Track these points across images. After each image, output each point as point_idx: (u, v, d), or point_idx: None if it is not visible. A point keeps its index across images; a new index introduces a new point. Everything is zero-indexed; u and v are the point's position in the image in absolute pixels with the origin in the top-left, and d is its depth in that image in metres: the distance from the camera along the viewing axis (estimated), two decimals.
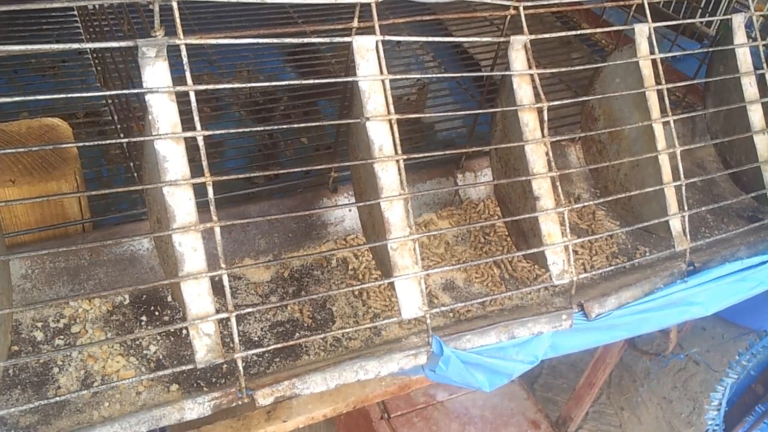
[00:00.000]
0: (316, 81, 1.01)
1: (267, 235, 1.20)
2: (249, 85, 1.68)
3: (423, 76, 1.94)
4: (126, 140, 0.87)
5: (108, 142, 0.89)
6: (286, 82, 0.96)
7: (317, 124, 1.03)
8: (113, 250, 1.08)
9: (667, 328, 2.10)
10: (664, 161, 1.23)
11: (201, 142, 0.89)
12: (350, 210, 1.26)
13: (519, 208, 1.20)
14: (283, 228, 1.21)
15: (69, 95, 0.79)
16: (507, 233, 1.32)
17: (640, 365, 2.91)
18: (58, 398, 0.83)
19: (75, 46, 0.86)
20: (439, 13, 2.14)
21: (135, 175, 1.26)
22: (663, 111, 1.23)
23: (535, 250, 1.12)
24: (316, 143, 1.88)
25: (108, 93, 1.21)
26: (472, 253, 1.30)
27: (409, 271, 0.99)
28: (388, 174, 1.02)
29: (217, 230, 0.87)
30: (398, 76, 1.08)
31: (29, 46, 0.80)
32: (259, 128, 1.10)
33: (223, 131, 0.93)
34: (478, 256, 1.30)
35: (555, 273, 1.11)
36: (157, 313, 1.06)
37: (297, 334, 1.08)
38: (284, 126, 1.22)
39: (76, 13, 1.80)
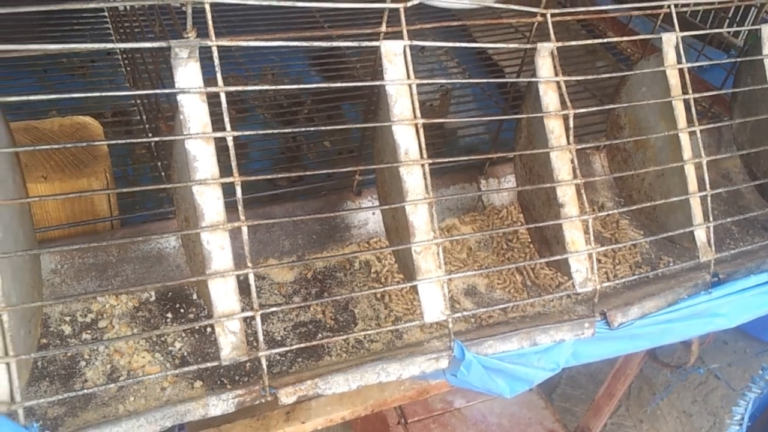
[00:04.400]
0: (343, 84, 1.02)
1: (291, 237, 1.21)
2: (279, 87, 1.69)
3: (450, 81, 1.94)
4: (157, 139, 0.89)
5: (140, 140, 0.91)
6: (315, 85, 0.97)
7: (344, 126, 1.04)
8: (141, 247, 1.10)
9: (689, 340, 2.08)
10: (690, 171, 1.23)
11: (231, 143, 0.90)
12: (374, 213, 1.27)
13: (543, 215, 1.20)
14: (307, 229, 1.22)
15: (103, 94, 0.80)
16: (530, 240, 1.32)
17: (660, 377, 2.89)
18: (85, 391, 0.84)
19: (110, 46, 0.88)
20: (465, 19, 2.14)
21: (162, 174, 1.28)
22: (689, 121, 1.22)
23: (558, 257, 1.12)
24: (339, 146, 1.90)
25: (141, 93, 1.23)
26: (494, 259, 1.30)
27: (433, 274, 1.00)
28: (413, 178, 1.02)
29: (245, 229, 0.88)
30: (425, 81, 1.09)
31: (65, 45, 0.82)
32: (287, 130, 1.11)
33: (251, 132, 0.94)
34: (501, 262, 1.30)
35: (578, 281, 1.11)
36: (182, 311, 1.08)
37: (319, 334, 1.09)
38: (312, 128, 1.23)
39: (106, 14, 1.83)
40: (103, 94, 0.80)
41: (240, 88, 0.93)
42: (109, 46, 0.86)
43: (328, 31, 1.10)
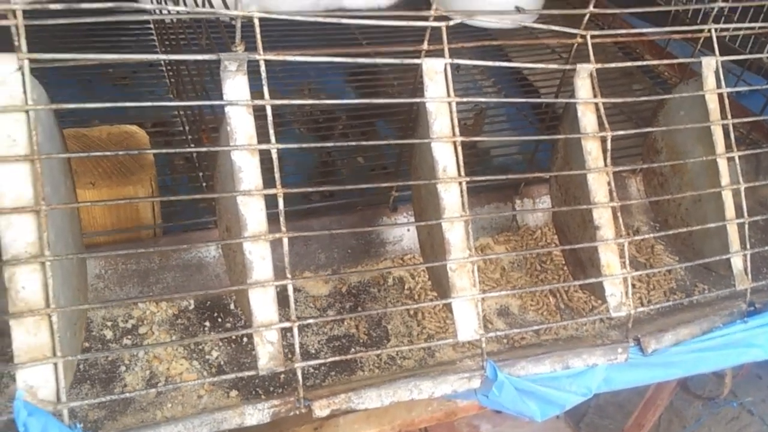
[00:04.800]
0: (384, 101, 1.03)
1: (327, 250, 1.23)
2: (324, 102, 1.71)
3: (491, 100, 1.95)
4: (205, 149, 0.91)
5: (188, 150, 0.93)
6: (358, 101, 0.98)
7: (383, 143, 1.06)
8: (181, 255, 1.12)
9: (722, 371, 2.05)
10: (727, 198, 1.22)
11: (275, 155, 0.92)
12: (409, 230, 1.28)
13: (578, 237, 1.20)
14: (342, 244, 1.24)
15: (157, 104, 0.83)
16: (564, 262, 1.32)
17: (690, 410, 2.83)
18: (125, 395, 0.86)
19: (163, 57, 0.91)
20: (503, 39, 2.15)
21: (203, 184, 1.31)
22: (728, 147, 1.21)
23: (592, 280, 1.12)
24: (372, 163, 1.91)
25: (193, 104, 1.25)
26: (527, 280, 1.30)
27: (467, 293, 1.00)
28: (451, 195, 1.03)
29: (285, 241, 0.89)
30: (465, 99, 1.10)
31: (121, 56, 0.85)
32: (329, 144, 1.13)
33: (295, 146, 0.96)
34: (534, 283, 1.30)
35: (612, 305, 1.10)
36: (219, 320, 1.09)
37: (353, 349, 1.10)
38: (354, 143, 1.25)
39: (151, 26, 1.87)
40: (158, 104, 0.83)
41: (287, 102, 0.95)
42: (162, 57, 0.89)
43: (370, 49, 1.12)
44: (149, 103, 0.84)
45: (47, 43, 0.78)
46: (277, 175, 0.91)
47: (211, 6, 1.14)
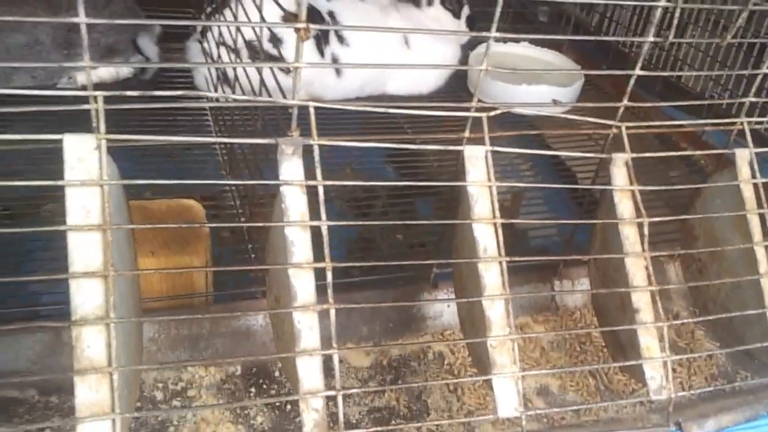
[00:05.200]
0: (429, 183, 1.09)
1: (369, 323, 1.26)
2: (378, 183, 1.79)
3: (529, 185, 2.01)
4: (261, 224, 0.97)
5: (243, 224, 0.99)
6: (407, 182, 1.04)
7: (430, 222, 1.10)
8: (231, 323, 1.17)
9: None
10: (766, 285, 1.23)
11: (325, 231, 0.98)
12: (449, 306, 1.31)
13: (617, 320, 1.21)
14: (384, 317, 1.27)
15: (224, 183, 0.90)
16: (603, 344, 1.33)
17: None
18: None
19: (224, 140, 0.98)
20: (540, 126, 2.23)
21: (252, 256, 1.37)
22: (765, 234, 1.24)
23: (632, 362, 1.13)
24: (410, 240, 1.96)
25: (253, 182, 1.33)
26: (567, 361, 1.31)
27: (507, 369, 1.02)
28: (491, 274, 1.07)
29: (333, 312, 0.94)
30: (504, 183, 1.16)
31: (192, 138, 0.93)
32: (385, 222, 1.18)
33: (345, 223, 1.02)
34: (574, 364, 1.31)
35: (653, 388, 1.11)
36: (264, 386, 1.13)
37: (393, 421, 1.12)
38: (399, 222, 1.30)
39: (207, 108, 2.00)
40: (225, 183, 0.90)
41: (338, 183, 1.02)
42: (226, 140, 0.96)
43: (413, 134, 1.19)
44: (217, 182, 0.90)
45: (110, 120, 0.87)
46: (326, 250, 0.96)
47: (269, 93, 1.23)
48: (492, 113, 1.10)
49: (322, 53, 1.93)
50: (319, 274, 0.94)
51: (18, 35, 1.81)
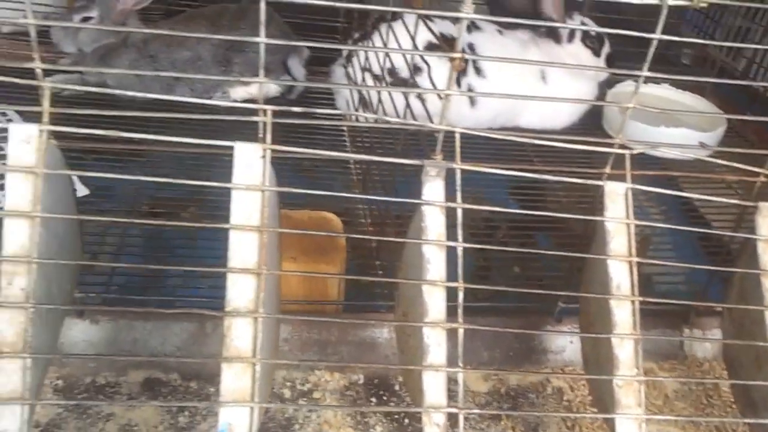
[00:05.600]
0: (567, 216, 1.10)
1: (490, 349, 1.28)
2: (516, 211, 1.79)
3: (669, 226, 1.95)
4: (401, 240, 1.02)
5: (382, 239, 1.04)
6: (556, 215, 1.06)
7: (565, 254, 1.11)
8: (358, 333, 1.23)
9: None
10: None
11: (460, 252, 1.01)
12: (572, 342, 1.31)
13: (750, 375, 1.16)
14: (505, 345, 1.29)
15: (372, 197, 0.95)
16: (733, 399, 1.27)
17: None
18: None
19: (375, 159, 1.04)
20: (676, 169, 2.17)
21: (380, 272, 1.42)
22: None
23: (764, 421, 1.08)
24: (528, 273, 1.95)
25: (397, 200, 1.37)
26: (691, 412, 1.26)
27: (632, 411, 1.01)
28: (623, 312, 1.06)
29: (461, 331, 0.96)
30: (643, 223, 1.14)
31: (347, 155, 1.00)
32: (527, 251, 1.18)
33: (479, 246, 1.04)
34: (699, 417, 1.26)
35: None
36: (384, 398, 1.17)
37: None
38: (542, 251, 1.31)
39: (345, 129, 2.09)
40: (374, 197, 0.96)
41: (475, 206, 1.05)
42: (377, 159, 1.02)
43: (542, 166, 1.21)
44: (373, 197, 0.96)
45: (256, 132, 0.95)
46: (460, 271, 1.00)
47: (413, 118, 1.29)
48: (635, 151, 1.10)
49: (458, 83, 1.99)
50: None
51: (183, 51, 1.99)
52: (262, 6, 0.86)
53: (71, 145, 0.95)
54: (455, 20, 0.92)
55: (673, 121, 2.07)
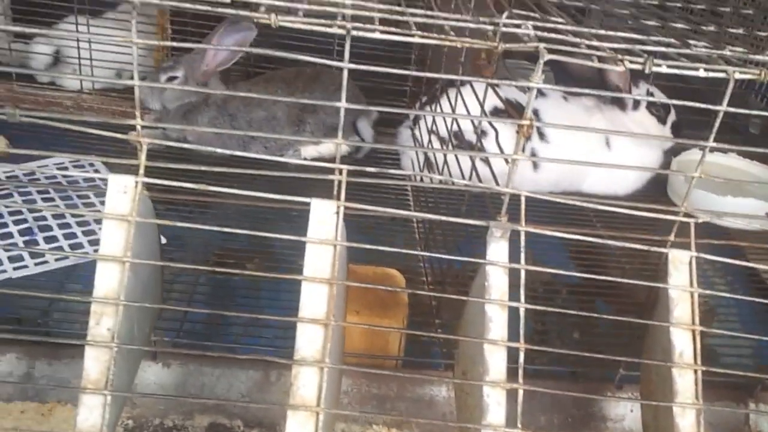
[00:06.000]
0: (632, 282, 1.11)
1: (548, 413, 1.28)
2: (585, 276, 1.81)
3: (735, 296, 1.91)
4: (464, 298, 1.05)
5: (445, 295, 1.07)
6: (621, 280, 1.07)
7: (626, 319, 1.11)
8: (416, 389, 1.25)
9: None
10: None
11: (522, 313, 1.03)
12: (632, 410, 1.29)
13: None
14: (564, 411, 1.28)
15: (439, 255, 0.99)
16: None
17: None
18: None
19: (443, 218, 1.08)
20: (742, 239, 2.13)
21: (438, 330, 1.45)
22: None
23: None
24: (588, 339, 1.93)
25: (456, 258, 1.41)
26: None
27: None
28: (685, 381, 1.05)
29: (521, 392, 0.98)
30: (708, 292, 1.14)
31: (414, 214, 1.04)
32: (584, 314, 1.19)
33: (542, 308, 1.06)
34: None
35: None
36: None
37: None
38: (610, 317, 1.31)
39: (409, 189, 2.15)
40: (440, 255, 0.99)
41: (537, 268, 1.07)
42: (443, 218, 1.06)
43: (604, 231, 1.22)
44: (437, 254, 1.00)
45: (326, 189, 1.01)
46: (521, 331, 1.02)
47: (479, 180, 1.33)
48: (700, 219, 1.11)
49: (522, 148, 2.03)
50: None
51: (260, 111, 2.11)
52: (345, 75, 0.93)
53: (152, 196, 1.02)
54: (523, 87, 0.97)
55: (739, 191, 2.05)
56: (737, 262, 1.11)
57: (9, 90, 2.40)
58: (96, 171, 2.00)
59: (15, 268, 1.58)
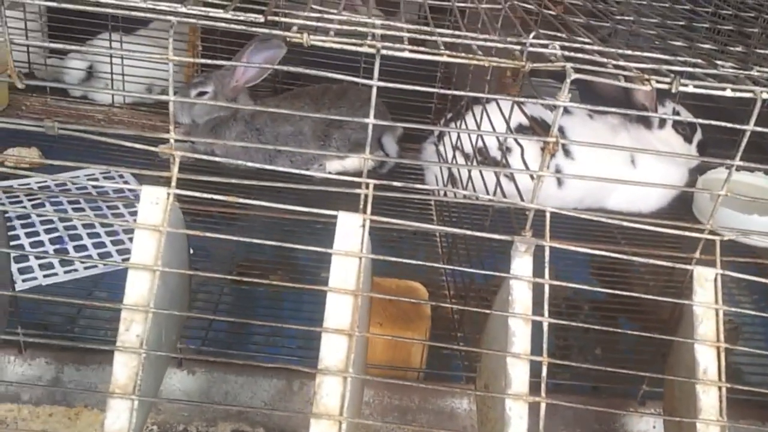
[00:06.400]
0: (656, 298, 1.11)
1: (570, 428, 1.27)
2: (600, 290, 1.80)
3: (761, 314, 1.90)
4: (487, 311, 1.06)
5: (468, 308, 1.08)
6: (644, 296, 1.07)
7: (649, 335, 1.11)
8: (437, 402, 1.26)
9: None
10: None
11: (546, 327, 1.04)
12: (655, 426, 1.28)
13: None
14: (586, 426, 1.28)
15: (463, 269, 1.00)
16: None
17: None
18: None
19: (469, 233, 1.10)
20: (766, 258, 2.11)
21: (459, 343, 1.45)
22: None
23: None
24: (610, 356, 1.92)
25: (480, 272, 1.42)
26: None
27: None
28: (709, 397, 1.05)
29: (543, 406, 0.98)
30: (733, 309, 1.14)
31: (436, 227, 1.06)
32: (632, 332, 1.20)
33: (565, 322, 1.07)
34: None
35: None
36: None
37: None
38: (635, 334, 1.32)
39: (432, 203, 2.17)
40: (464, 269, 1.01)
41: (565, 284, 1.08)
42: (457, 231, 1.08)
43: (628, 248, 1.22)
44: (461, 268, 1.01)
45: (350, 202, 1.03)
46: (545, 345, 1.02)
47: (504, 195, 1.34)
48: (725, 237, 1.11)
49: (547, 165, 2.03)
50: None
51: (287, 126, 2.14)
52: (373, 92, 0.95)
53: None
54: (548, 105, 0.98)
55: (765, 210, 2.03)
56: (763, 280, 1.10)
57: (43, 103, 2.47)
58: (125, 182, 2.04)
59: (45, 276, 1.62)
